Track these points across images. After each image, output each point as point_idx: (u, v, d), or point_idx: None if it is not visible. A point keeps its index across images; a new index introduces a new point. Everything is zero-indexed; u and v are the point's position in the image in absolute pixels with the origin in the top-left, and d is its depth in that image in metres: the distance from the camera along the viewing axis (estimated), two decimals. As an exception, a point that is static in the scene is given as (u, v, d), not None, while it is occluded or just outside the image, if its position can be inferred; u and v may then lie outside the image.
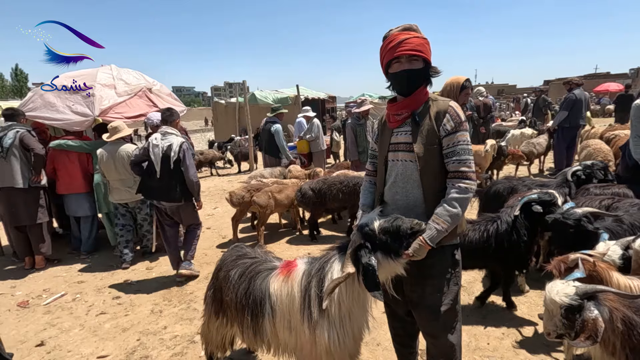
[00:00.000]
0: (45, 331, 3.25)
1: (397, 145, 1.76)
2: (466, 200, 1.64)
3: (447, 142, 1.66)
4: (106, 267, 4.57)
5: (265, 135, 6.65)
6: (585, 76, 27.73)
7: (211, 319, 2.33)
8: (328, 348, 1.72)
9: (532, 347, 2.65)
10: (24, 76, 47.18)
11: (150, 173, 3.84)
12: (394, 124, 1.78)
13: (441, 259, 1.73)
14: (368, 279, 1.53)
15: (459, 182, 1.63)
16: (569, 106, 6.71)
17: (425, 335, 1.89)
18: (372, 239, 1.58)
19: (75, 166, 4.70)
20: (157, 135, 3.88)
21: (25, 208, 4.42)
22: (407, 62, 1.64)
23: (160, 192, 3.84)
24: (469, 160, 1.65)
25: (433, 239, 1.57)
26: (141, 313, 3.47)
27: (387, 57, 1.67)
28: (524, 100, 15.89)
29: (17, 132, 4.33)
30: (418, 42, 1.62)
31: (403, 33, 1.63)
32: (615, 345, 1.60)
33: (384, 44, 1.68)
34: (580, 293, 1.62)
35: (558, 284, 1.72)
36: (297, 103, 13.93)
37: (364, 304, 1.75)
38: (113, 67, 5.47)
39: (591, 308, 1.58)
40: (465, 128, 1.66)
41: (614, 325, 1.57)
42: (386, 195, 1.84)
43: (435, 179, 1.69)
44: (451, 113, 1.66)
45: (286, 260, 2.12)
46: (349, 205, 5.04)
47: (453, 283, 1.78)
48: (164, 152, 3.77)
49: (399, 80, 1.70)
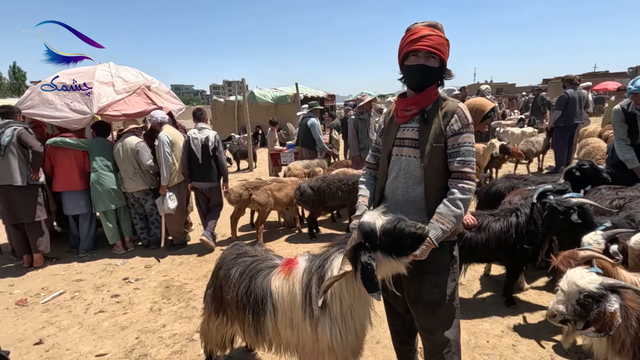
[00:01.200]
0: (44, 329, 3.24)
1: (402, 141, 1.78)
2: (468, 201, 1.65)
3: (452, 142, 1.67)
4: (105, 265, 4.56)
5: (302, 129, 6.88)
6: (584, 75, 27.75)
7: (211, 317, 2.32)
8: (330, 345, 1.71)
9: (531, 345, 2.65)
10: (22, 74, 46.98)
11: (192, 160, 4.79)
12: (402, 119, 1.79)
13: (439, 255, 1.73)
14: (366, 278, 1.52)
15: (461, 183, 1.64)
16: (562, 105, 6.70)
17: (422, 331, 1.89)
18: (373, 239, 1.56)
19: (71, 163, 4.70)
20: (194, 130, 4.86)
21: (23, 206, 4.40)
22: (424, 57, 1.65)
23: (201, 175, 4.84)
24: (472, 162, 1.67)
25: (438, 239, 1.59)
26: (140, 311, 3.46)
27: (406, 48, 1.67)
28: (523, 99, 15.90)
29: (15, 130, 4.31)
30: (439, 40, 1.62)
31: (427, 28, 1.63)
32: (625, 343, 1.60)
33: (406, 36, 1.68)
34: (606, 284, 1.62)
35: (583, 270, 1.73)
36: (296, 101, 13.92)
37: (365, 299, 1.74)
38: (111, 65, 5.44)
39: (613, 301, 1.58)
40: (471, 130, 1.68)
41: (628, 322, 1.57)
42: (387, 189, 1.85)
43: (437, 177, 1.70)
44: (459, 114, 1.67)
45: (287, 258, 2.11)
46: (349, 203, 5.04)
47: (450, 279, 1.79)
48: (203, 143, 4.76)
49: (412, 74, 1.71)
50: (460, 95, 8.54)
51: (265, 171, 9.59)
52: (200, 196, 5.05)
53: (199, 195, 5.04)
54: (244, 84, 12.20)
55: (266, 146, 11.21)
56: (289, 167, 6.66)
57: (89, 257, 4.85)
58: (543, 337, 2.73)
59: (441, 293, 1.76)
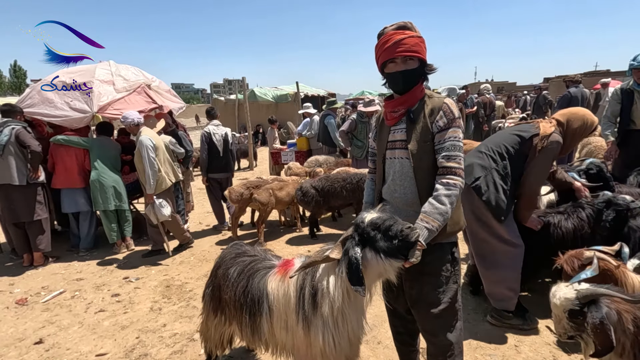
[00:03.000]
0: (44, 329, 3.23)
1: (394, 143, 1.77)
2: (453, 197, 1.59)
3: (438, 139, 1.65)
4: (105, 264, 4.55)
5: (322, 127, 7.06)
6: (586, 74, 27.63)
7: (210, 317, 2.31)
8: (323, 350, 1.70)
9: (534, 346, 2.64)
10: (22, 73, 47.07)
11: (212, 153, 5.33)
12: (391, 121, 1.78)
13: (439, 256, 1.72)
14: (351, 271, 1.50)
15: (445, 178, 1.61)
16: (564, 104, 6.76)
17: (424, 333, 1.87)
18: (361, 231, 1.55)
19: (72, 161, 4.70)
20: (212, 127, 5.42)
21: (23, 205, 4.40)
22: (403, 62, 1.64)
23: (222, 167, 5.46)
24: (458, 156, 1.62)
25: (426, 239, 1.53)
26: (140, 311, 3.45)
27: (383, 57, 1.66)
28: (523, 98, 15.88)
29: (13, 129, 4.30)
30: (413, 42, 1.60)
31: (398, 33, 1.61)
32: (625, 346, 1.58)
33: (379, 43, 1.67)
34: (581, 297, 1.61)
35: (562, 287, 1.71)
36: (296, 100, 13.89)
37: (356, 305, 1.72)
38: (112, 63, 5.42)
39: (594, 312, 1.56)
40: (457, 125, 1.64)
41: (624, 326, 1.55)
42: (384, 193, 1.84)
43: (429, 176, 1.68)
44: (445, 110, 1.64)
45: (284, 258, 2.10)
46: (355, 202, 4.99)
47: (452, 281, 1.76)
48: (224, 138, 5.42)
49: (394, 80, 1.71)
50: (464, 94, 8.54)
51: (265, 170, 9.57)
52: (217, 186, 5.51)
53: (215, 185, 5.51)
54: (244, 83, 12.18)
55: (267, 145, 11.20)
56: (289, 166, 6.65)
57: (90, 256, 4.84)
58: (546, 337, 2.71)
59: (443, 295, 1.74)
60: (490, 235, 2.66)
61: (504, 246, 2.67)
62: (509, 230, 2.66)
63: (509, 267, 2.69)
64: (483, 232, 2.67)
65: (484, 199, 2.56)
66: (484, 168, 2.62)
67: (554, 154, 2.59)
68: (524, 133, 2.65)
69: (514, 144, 2.65)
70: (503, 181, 2.60)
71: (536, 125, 2.66)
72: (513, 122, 10.33)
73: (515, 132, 2.71)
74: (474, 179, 2.59)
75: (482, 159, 2.66)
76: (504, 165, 2.62)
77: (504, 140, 2.70)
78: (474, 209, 2.64)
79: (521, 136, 2.65)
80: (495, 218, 2.59)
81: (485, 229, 2.66)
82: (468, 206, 2.56)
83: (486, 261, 2.77)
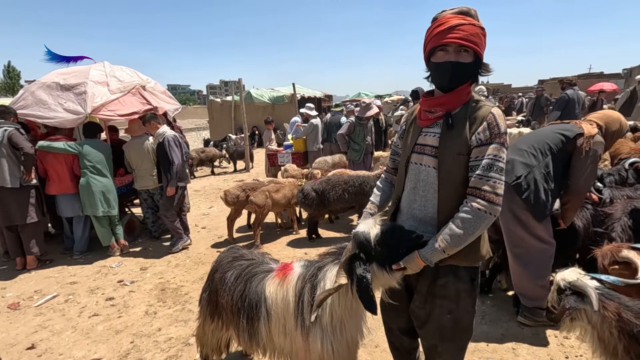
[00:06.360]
0: (37, 334, 3.18)
1: (423, 147, 1.54)
2: (475, 224, 1.37)
3: (476, 154, 1.41)
4: (99, 268, 4.49)
5: (333, 127, 7.18)
6: (580, 76, 27.84)
7: (206, 321, 2.29)
8: (322, 356, 1.68)
9: (531, 348, 2.63)
10: (16, 74, 46.59)
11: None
12: (425, 122, 1.55)
13: (454, 280, 1.54)
14: (362, 292, 1.42)
15: (473, 201, 1.38)
16: (562, 106, 6.82)
17: (427, 350, 1.74)
18: (367, 250, 1.46)
19: (62, 167, 4.62)
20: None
21: (16, 207, 4.33)
22: (455, 52, 1.40)
23: None
24: (493, 178, 1.37)
25: (427, 255, 1.40)
26: (135, 315, 3.40)
27: (433, 42, 1.42)
28: (519, 100, 15.93)
29: (5, 131, 4.24)
30: (472, 30, 1.36)
31: (457, 17, 1.38)
32: (617, 348, 1.63)
33: (432, 27, 1.43)
34: (573, 285, 1.76)
35: (575, 270, 1.83)
36: (293, 101, 13.88)
37: (357, 313, 1.69)
38: (106, 64, 5.37)
39: (570, 300, 1.74)
40: (501, 142, 1.39)
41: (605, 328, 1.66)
42: (403, 200, 1.64)
43: (455, 194, 1.47)
44: (490, 121, 1.40)
45: (283, 262, 2.08)
46: (357, 205, 4.94)
47: (465, 310, 1.57)
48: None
49: (441, 72, 1.45)
50: (486, 92, 8.56)
51: (262, 172, 9.54)
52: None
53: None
54: (240, 84, 12.16)
55: (263, 146, 11.17)
56: (285, 168, 6.62)
57: (83, 259, 4.78)
58: (543, 340, 2.71)
59: (454, 321, 1.57)
60: (529, 234, 2.63)
61: (541, 245, 2.65)
62: (547, 229, 2.65)
63: (544, 265, 2.68)
64: (521, 231, 2.64)
65: (524, 197, 2.53)
66: (525, 166, 2.58)
67: (599, 155, 2.59)
68: (568, 132, 2.64)
69: (557, 143, 2.63)
70: (544, 180, 2.57)
71: (578, 125, 2.66)
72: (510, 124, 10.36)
73: (559, 130, 2.69)
74: (515, 177, 2.56)
75: (523, 157, 2.62)
76: (546, 164, 2.59)
77: (547, 139, 2.68)
78: (512, 208, 2.60)
79: (565, 135, 2.63)
80: (534, 218, 2.56)
81: (524, 229, 2.62)
82: (506, 204, 2.49)
83: (521, 260, 2.73)
